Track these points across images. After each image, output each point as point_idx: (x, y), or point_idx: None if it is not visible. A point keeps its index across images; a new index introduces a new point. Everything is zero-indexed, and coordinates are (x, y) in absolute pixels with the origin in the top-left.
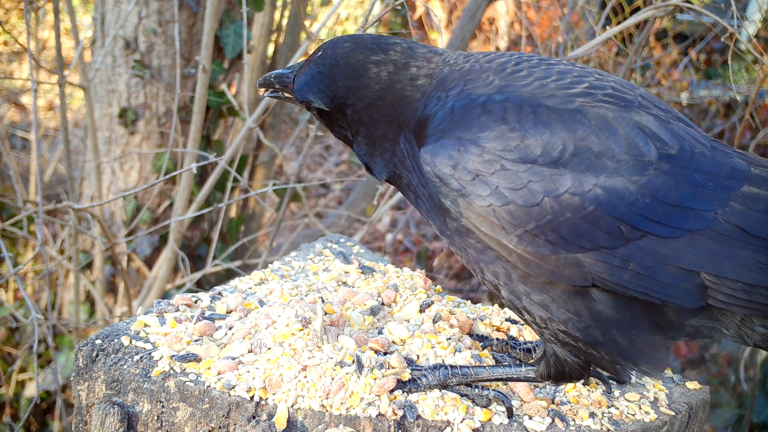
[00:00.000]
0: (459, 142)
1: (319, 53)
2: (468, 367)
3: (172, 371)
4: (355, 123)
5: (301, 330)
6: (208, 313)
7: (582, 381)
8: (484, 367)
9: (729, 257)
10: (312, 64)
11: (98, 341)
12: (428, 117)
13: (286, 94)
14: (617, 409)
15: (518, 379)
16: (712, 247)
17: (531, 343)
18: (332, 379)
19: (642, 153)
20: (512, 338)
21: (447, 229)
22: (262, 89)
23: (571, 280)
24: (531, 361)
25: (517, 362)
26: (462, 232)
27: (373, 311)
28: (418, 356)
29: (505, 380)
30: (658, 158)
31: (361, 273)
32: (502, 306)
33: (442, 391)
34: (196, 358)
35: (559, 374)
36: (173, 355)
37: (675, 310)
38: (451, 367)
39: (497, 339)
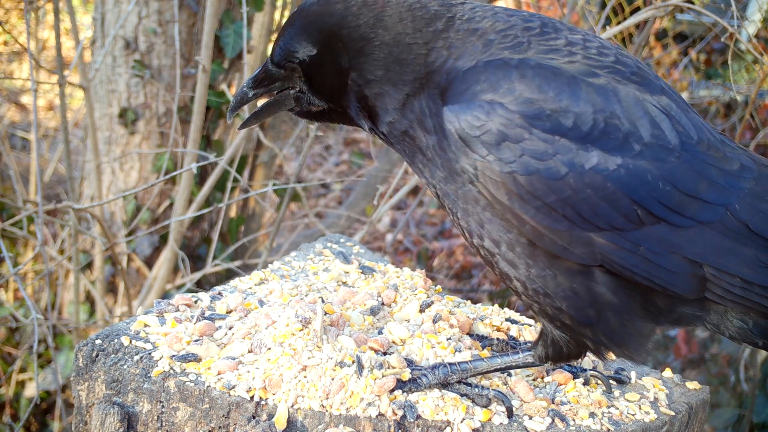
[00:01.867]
0: (490, 105)
1: (297, 12)
2: (467, 363)
3: (172, 371)
4: (355, 44)
5: (301, 330)
6: (208, 313)
7: (580, 359)
8: (483, 359)
9: (732, 253)
10: (288, 19)
11: (98, 341)
12: (457, 73)
13: (260, 90)
14: (617, 409)
15: (518, 366)
16: (719, 241)
17: (530, 342)
18: (332, 379)
19: (667, 138)
20: (512, 338)
21: (452, 194)
22: (236, 117)
23: (580, 258)
24: (527, 345)
25: (515, 350)
26: (469, 199)
27: (373, 311)
28: (418, 356)
29: (505, 369)
30: (680, 146)
31: (361, 273)
32: (502, 306)
33: (442, 391)
34: (196, 358)
35: (558, 354)
36: (173, 355)
37: (668, 297)
38: (450, 364)
39: (497, 339)
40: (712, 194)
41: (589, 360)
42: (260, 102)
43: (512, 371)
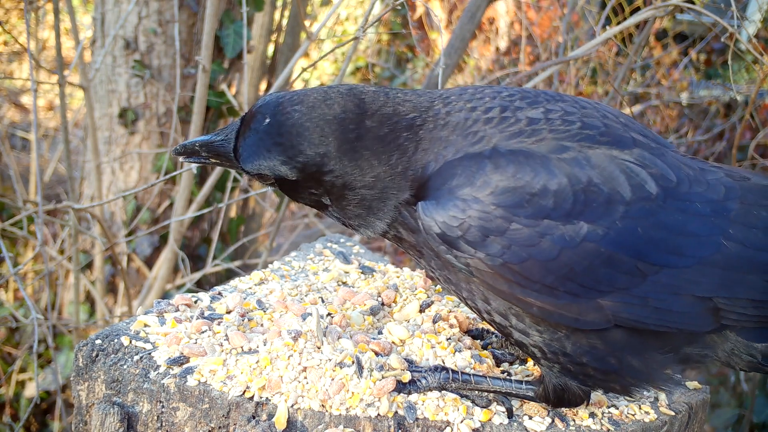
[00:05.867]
0: (464, 202)
1: (266, 120)
2: (469, 375)
3: (171, 371)
4: (337, 188)
5: (300, 331)
6: (207, 313)
7: (582, 407)
8: (485, 377)
9: (737, 278)
10: (260, 132)
11: (98, 341)
12: (429, 176)
13: (213, 160)
14: (617, 409)
15: (517, 396)
16: (722, 272)
17: (535, 378)
18: (332, 380)
19: (646, 190)
20: None
21: (453, 279)
22: (180, 157)
23: (593, 324)
24: (530, 364)
25: (519, 380)
26: (470, 282)
27: (373, 311)
28: (417, 356)
29: (504, 394)
30: (662, 192)
31: (361, 273)
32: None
33: (442, 391)
34: (196, 358)
35: (558, 399)
36: (173, 355)
37: (680, 336)
38: (452, 371)
39: (496, 335)
40: (704, 228)
41: None
42: None
43: (512, 372)
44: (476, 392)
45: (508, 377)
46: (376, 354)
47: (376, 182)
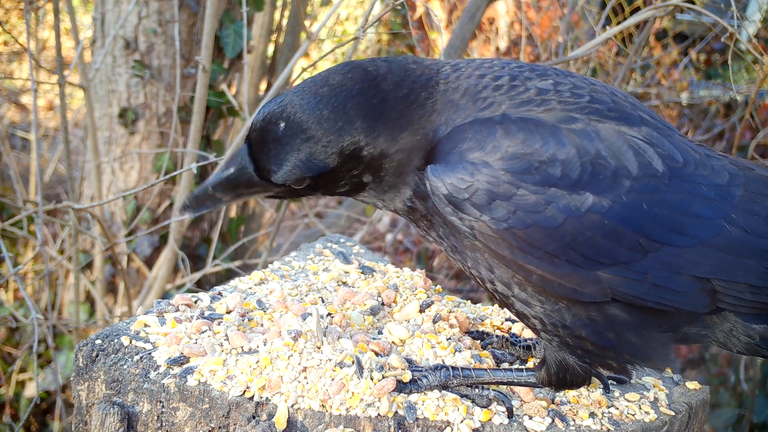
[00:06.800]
0: (473, 165)
1: (281, 125)
2: (469, 369)
3: (171, 371)
4: (375, 159)
5: (300, 331)
6: (207, 313)
7: (583, 387)
8: (486, 370)
9: (737, 263)
10: (283, 139)
11: (98, 341)
12: (439, 140)
13: (230, 197)
14: (617, 409)
15: (519, 384)
16: (723, 254)
17: (531, 340)
18: (332, 380)
19: (653, 168)
20: (513, 335)
21: (459, 246)
22: (190, 211)
23: (591, 296)
24: (530, 365)
25: (519, 368)
26: (475, 249)
27: (373, 311)
28: (417, 356)
29: (506, 384)
30: (668, 171)
31: (361, 273)
32: (502, 306)
33: (442, 391)
34: (196, 359)
35: (561, 381)
36: (173, 355)
37: (678, 315)
38: (453, 368)
39: (497, 336)
40: (708, 210)
41: None
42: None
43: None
44: (477, 390)
45: (508, 368)
46: (376, 354)
47: (405, 144)
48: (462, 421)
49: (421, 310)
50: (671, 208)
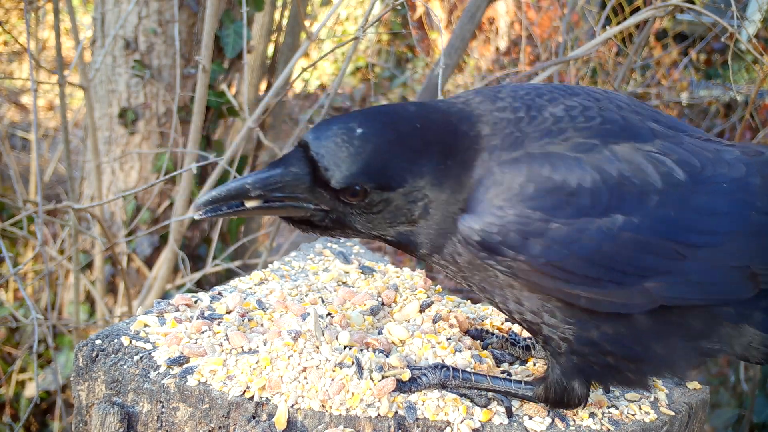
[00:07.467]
0: (502, 209)
1: (358, 130)
2: (469, 372)
3: (171, 371)
4: (425, 203)
5: (300, 331)
6: (207, 313)
7: (579, 408)
8: (486, 376)
9: None
10: (368, 139)
11: (98, 341)
12: (473, 185)
13: (250, 204)
14: (617, 409)
15: (515, 395)
16: (755, 240)
17: (530, 339)
18: (332, 380)
19: (675, 177)
20: (513, 333)
21: (489, 287)
22: (211, 210)
23: (641, 307)
24: (530, 365)
25: (518, 380)
26: (504, 285)
27: (373, 311)
28: (417, 356)
29: (503, 393)
30: (690, 178)
31: (361, 273)
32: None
33: (442, 391)
34: (196, 359)
35: (558, 400)
36: (173, 355)
37: (705, 317)
38: (453, 369)
39: (496, 336)
40: (734, 205)
41: None
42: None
43: (512, 372)
44: (475, 390)
45: (507, 377)
46: (376, 352)
47: (452, 188)
48: (462, 421)
49: (421, 310)
50: (699, 212)
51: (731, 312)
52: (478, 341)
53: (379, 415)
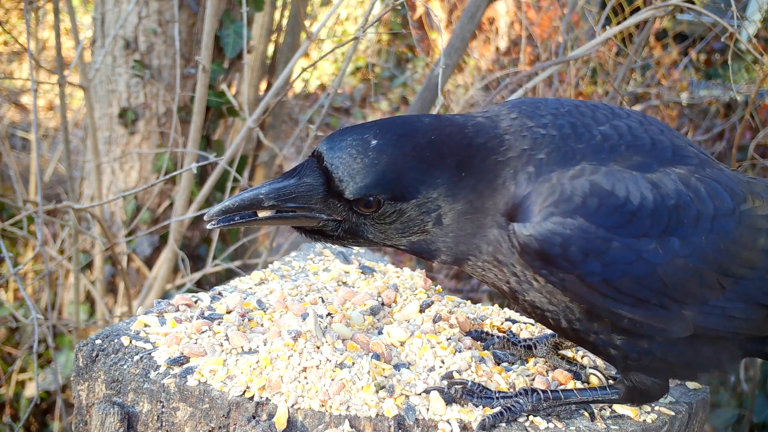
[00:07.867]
0: (565, 222)
1: (373, 142)
2: (558, 391)
3: (171, 371)
4: (438, 213)
5: (300, 331)
6: (207, 313)
7: (663, 397)
8: (573, 390)
9: None
10: (382, 151)
11: (98, 341)
12: (523, 195)
13: (263, 214)
14: (617, 408)
15: (602, 401)
16: None
17: (530, 339)
18: (332, 380)
19: (726, 205)
20: (513, 334)
21: (529, 296)
22: (223, 220)
23: (677, 333)
24: (611, 382)
25: (602, 386)
26: (553, 295)
27: (373, 311)
28: (417, 357)
29: (592, 402)
30: (737, 208)
31: (361, 273)
32: (502, 306)
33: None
34: (196, 359)
35: (644, 396)
36: (173, 355)
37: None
38: (543, 391)
39: (497, 336)
40: (766, 240)
41: (588, 359)
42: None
43: (512, 369)
44: (564, 407)
45: (592, 387)
46: (376, 354)
47: (482, 196)
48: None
49: (421, 310)
50: (742, 245)
51: None
52: (479, 342)
53: (379, 414)
